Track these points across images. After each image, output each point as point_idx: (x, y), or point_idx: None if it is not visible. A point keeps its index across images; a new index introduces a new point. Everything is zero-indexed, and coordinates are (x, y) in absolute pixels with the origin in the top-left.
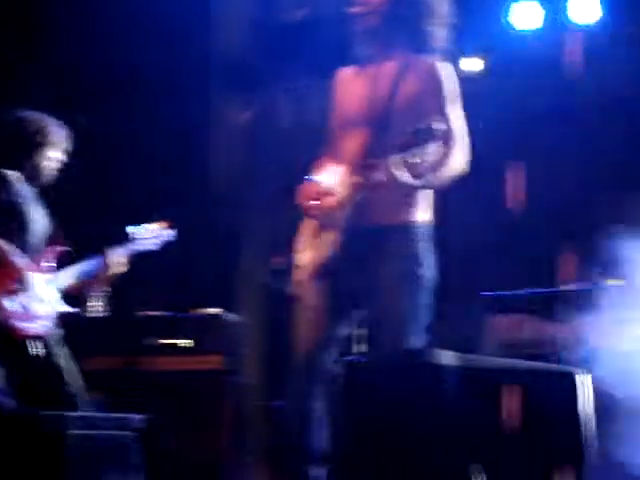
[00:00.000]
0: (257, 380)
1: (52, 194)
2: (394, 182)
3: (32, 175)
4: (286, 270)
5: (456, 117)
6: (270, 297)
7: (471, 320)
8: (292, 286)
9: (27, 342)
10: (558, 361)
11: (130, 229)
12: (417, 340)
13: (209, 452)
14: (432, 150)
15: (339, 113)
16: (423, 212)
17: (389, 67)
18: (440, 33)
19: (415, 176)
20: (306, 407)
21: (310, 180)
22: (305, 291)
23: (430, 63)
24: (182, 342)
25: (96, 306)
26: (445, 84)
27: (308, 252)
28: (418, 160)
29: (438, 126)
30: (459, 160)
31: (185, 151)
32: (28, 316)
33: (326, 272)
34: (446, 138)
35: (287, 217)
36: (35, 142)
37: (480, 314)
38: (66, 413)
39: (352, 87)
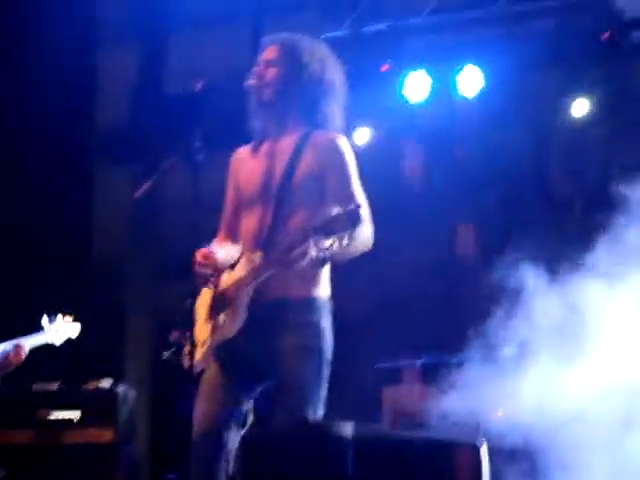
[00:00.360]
0: (150, 453)
1: None
2: (302, 263)
3: None
4: (181, 345)
5: (361, 195)
6: (165, 371)
7: (367, 390)
8: (193, 362)
9: None
10: (452, 431)
11: (44, 321)
12: (317, 412)
13: None
14: (347, 235)
15: (236, 192)
16: (323, 287)
17: (286, 143)
18: (337, 113)
19: (323, 255)
20: None
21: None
22: (206, 367)
23: (331, 137)
24: (74, 415)
25: None
26: (348, 160)
27: (207, 328)
28: (333, 245)
29: (362, 215)
30: (366, 237)
31: (67, 225)
32: None
33: (228, 348)
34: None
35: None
36: None
37: (376, 384)
38: None
39: (249, 166)
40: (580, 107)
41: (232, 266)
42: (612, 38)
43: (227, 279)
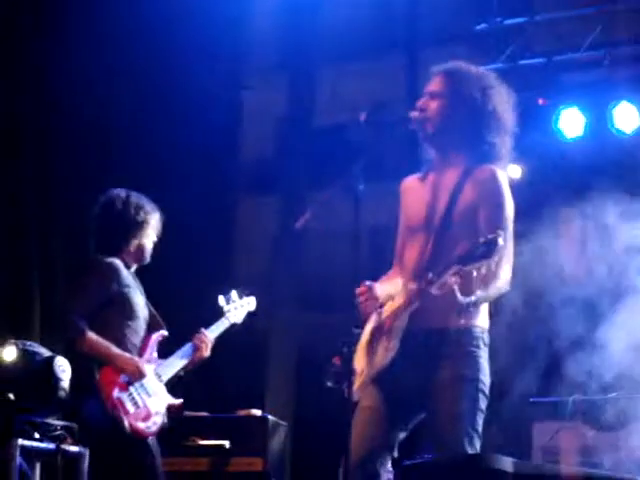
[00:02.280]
0: None
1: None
2: (447, 296)
3: (136, 258)
4: (341, 372)
5: (509, 235)
6: (307, 402)
7: (518, 424)
8: (350, 390)
9: (149, 441)
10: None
11: (221, 301)
12: (473, 444)
13: None
14: (487, 263)
15: (404, 221)
16: (481, 317)
17: (449, 176)
18: (502, 143)
19: (466, 293)
20: None
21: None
22: (363, 395)
23: (490, 170)
24: (223, 443)
25: None
26: (502, 192)
27: (366, 358)
28: (474, 272)
29: (500, 242)
30: (506, 279)
31: (211, 256)
32: (147, 415)
33: (384, 377)
34: (498, 255)
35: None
36: (138, 223)
37: (528, 419)
38: None
39: (415, 195)
40: None
41: (393, 297)
42: None
43: (387, 309)
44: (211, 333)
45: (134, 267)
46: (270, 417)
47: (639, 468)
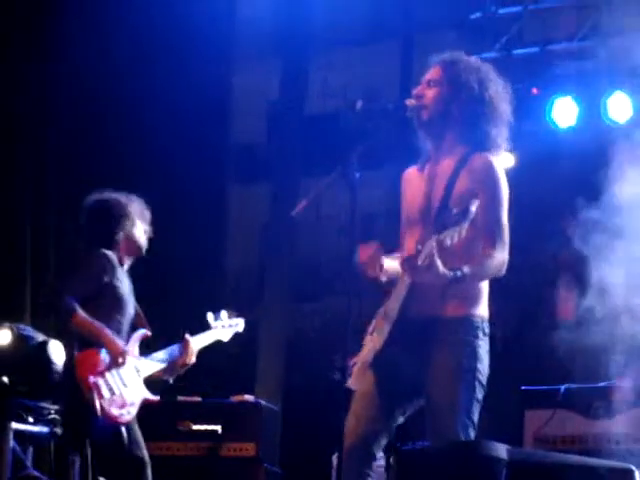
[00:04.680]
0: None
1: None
2: (430, 269)
3: (128, 250)
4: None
5: (504, 220)
6: (294, 388)
7: (510, 413)
8: (349, 378)
9: (120, 429)
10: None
11: (209, 318)
12: (468, 433)
13: None
14: (459, 229)
15: (404, 211)
16: (480, 306)
17: (445, 165)
18: (498, 132)
19: (449, 265)
20: None
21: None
22: (361, 381)
23: (486, 159)
24: (216, 428)
25: None
26: (501, 183)
27: (367, 345)
28: (449, 240)
29: (472, 208)
30: (498, 262)
31: (201, 242)
32: (122, 403)
33: (379, 362)
34: (491, 239)
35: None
36: (121, 216)
37: (519, 407)
38: None
39: (413, 187)
40: None
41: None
42: None
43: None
44: (195, 342)
45: (129, 262)
46: (263, 403)
47: (630, 456)
